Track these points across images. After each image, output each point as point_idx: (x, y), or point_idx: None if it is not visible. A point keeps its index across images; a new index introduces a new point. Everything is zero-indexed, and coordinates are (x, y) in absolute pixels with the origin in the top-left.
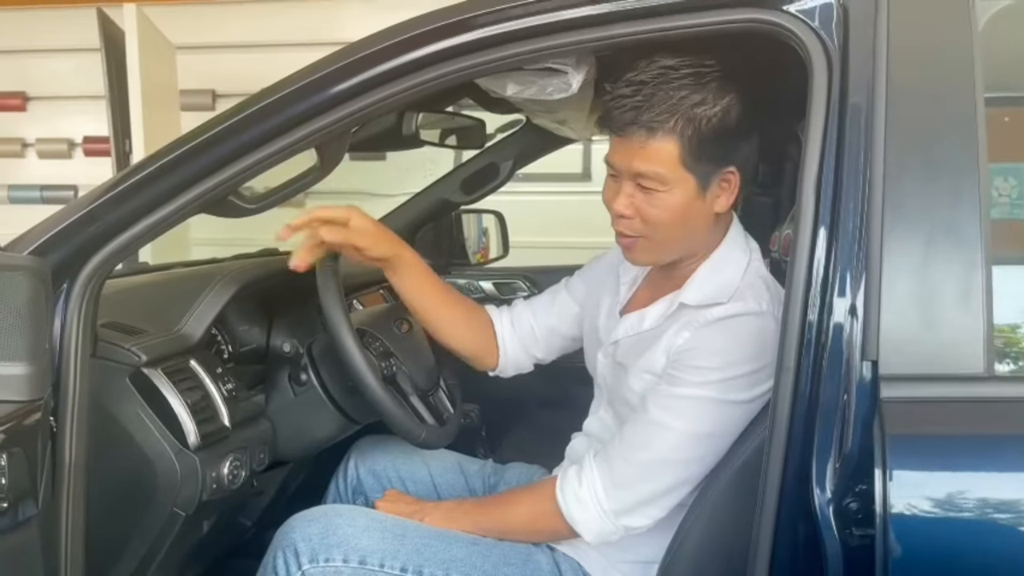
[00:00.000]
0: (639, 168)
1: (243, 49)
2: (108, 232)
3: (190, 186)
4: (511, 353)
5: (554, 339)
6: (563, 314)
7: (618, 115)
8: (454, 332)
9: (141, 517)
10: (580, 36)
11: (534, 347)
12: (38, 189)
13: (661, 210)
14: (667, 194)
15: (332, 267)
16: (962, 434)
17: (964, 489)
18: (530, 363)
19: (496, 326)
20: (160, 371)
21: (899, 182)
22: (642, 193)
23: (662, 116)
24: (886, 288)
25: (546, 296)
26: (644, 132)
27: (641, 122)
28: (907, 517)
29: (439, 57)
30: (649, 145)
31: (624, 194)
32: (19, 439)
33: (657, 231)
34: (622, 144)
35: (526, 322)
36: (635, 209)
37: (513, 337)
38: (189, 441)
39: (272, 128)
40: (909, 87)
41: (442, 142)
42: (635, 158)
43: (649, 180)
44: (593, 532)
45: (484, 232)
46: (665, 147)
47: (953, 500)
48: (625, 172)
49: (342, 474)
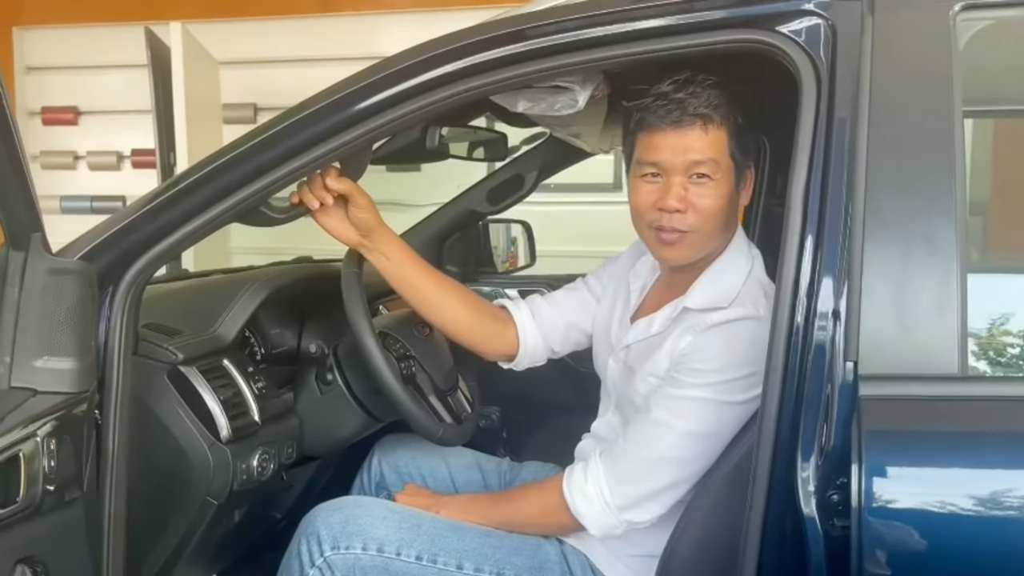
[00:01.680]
0: (696, 157)
1: (283, 64)
2: (149, 240)
3: (224, 197)
4: (530, 344)
5: (572, 333)
6: (583, 310)
7: (665, 112)
8: (456, 318)
9: (176, 505)
10: (584, 56)
11: (552, 338)
12: (88, 200)
13: (712, 200)
14: (718, 184)
15: (355, 273)
16: (936, 431)
17: (937, 483)
18: (545, 356)
19: (516, 317)
20: (195, 369)
21: (880, 193)
22: (694, 185)
23: (711, 106)
24: (866, 293)
25: (565, 292)
26: (700, 121)
27: (698, 112)
28: (882, 509)
29: (456, 76)
30: (708, 134)
31: (676, 188)
32: (67, 428)
33: (706, 222)
34: (673, 138)
35: (547, 314)
36: (687, 202)
37: (533, 327)
38: (221, 435)
39: (300, 143)
40: (891, 103)
41: (466, 155)
42: (691, 150)
43: (705, 167)
44: (598, 526)
45: (513, 242)
46: (720, 135)
47: (926, 493)
48: (679, 166)
49: (366, 470)
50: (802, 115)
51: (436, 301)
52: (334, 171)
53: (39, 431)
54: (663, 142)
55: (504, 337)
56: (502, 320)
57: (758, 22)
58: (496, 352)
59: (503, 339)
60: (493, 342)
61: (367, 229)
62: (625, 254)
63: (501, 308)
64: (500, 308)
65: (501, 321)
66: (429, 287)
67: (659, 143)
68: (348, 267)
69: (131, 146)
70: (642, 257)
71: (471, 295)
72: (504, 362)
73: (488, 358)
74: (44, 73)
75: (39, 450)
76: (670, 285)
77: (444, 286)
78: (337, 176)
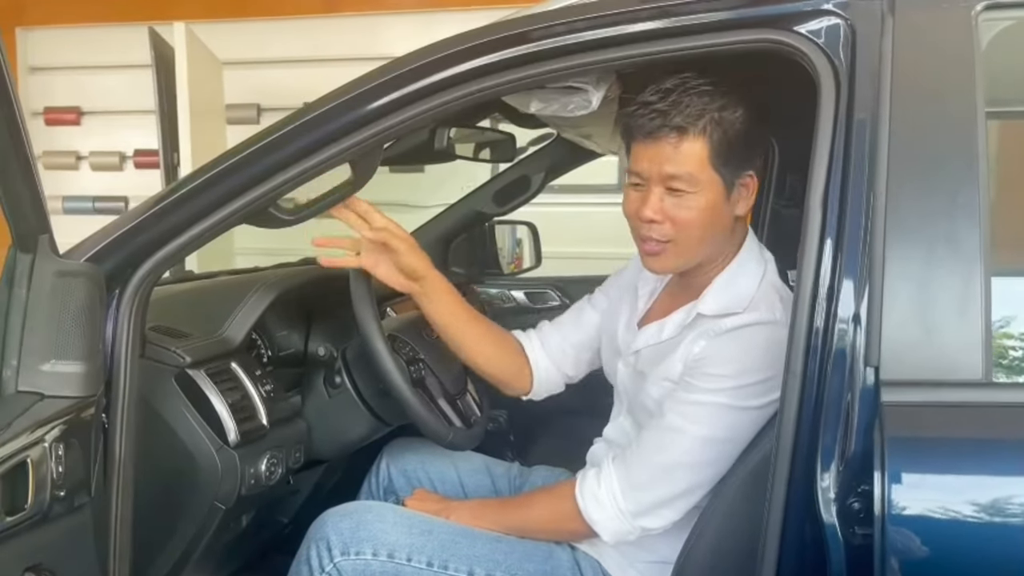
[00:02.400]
0: (670, 170)
1: (287, 64)
2: (156, 242)
3: (232, 199)
4: (543, 374)
5: (583, 354)
6: (590, 330)
7: (646, 121)
8: (484, 355)
9: (184, 510)
10: (599, 56)
11: (565, 365)
12: (91, 200)
13: (691, 212)
14: (697, 196)
15: (365, 274)
16: (959, 437)
17: (960, 491)
18: (562, 383)
19: (527, 349)
20: (203, 372)
21: (901, 195)
22: (671, 197)
23: (691, 117)
24: (888, 297)
25: (571, 314)
26: (675, 134)
27: (672, 124)
28: (904, 517)
29: (467, 76)
30: (681, 147)
31: (653, 199)
32: (75, 432)
33: (685, 235)
34: (651, 149)
35: (555, 341)
36: (664, 214)
37: (544, 358)
38: (229, 438)
39: (309, 144)
40: (912, 104)
41: (474, 156)
42: (666, 162)
43: (680, 182)
44: (610, 531)
45: (518, 243)
46: (695, 148)
47: (949, 501)
48: (655, 177)
49: (374, 474)
50: (821, 116)
51: (473, 345)
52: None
53: (47, 436)
54: (642, 152)
55: (522, 372)
56: (520, 355)
57: (775, 22)
58: (516, 388)
59: (521, 374)
60: (513, 379)
61: (419, 275)
62: (632, 261)
63: (515, 340)
64: (516, 341)
65: (519, 356)
66: (471, 331)
67: (639, 152)
68: (357, 268)
69: (134, 146)
70: None
71: (499, 332)
72: (523, 395)
73: (508, 393)
74: (47, 73)
75: (47, 456)
76: (680, 290)
77: (482, 330)
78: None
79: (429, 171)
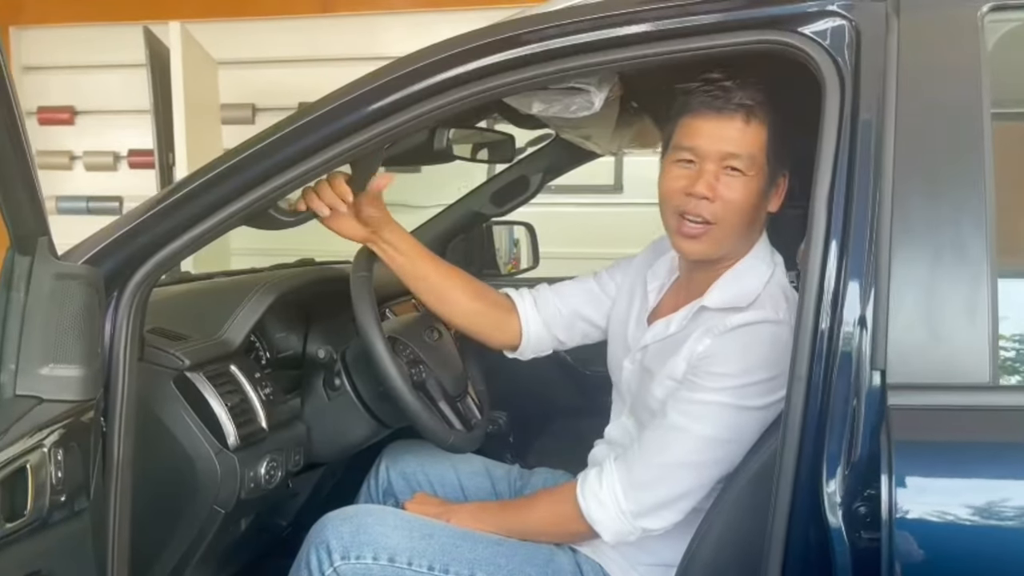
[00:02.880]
0: (733, 149)
1: (283, 64)
2: (156, 243)
3: (232, 200)
4: (533, 333)
5: (577, 322)
6: (590, 300)
7: (710, 97)
8: (464, 306)
9: (183, 514)
10: (602, 58)
11: (557, 328)
12: (84, 200)
13: (741, 195)
14: (750, 180)
15: (365, 277)
16: (967, 441)
17: (968, 495)
18: (551, 345)
19: (517, 304)
20: (202, 375)
21: (907, 197)
22: (726, 176)
23: (756, 100)
24: (894, 300)
25: (572, 282)
26: (742, 112)
27: (740, 102)
28: (912, 521)
29: (470, 77)
30: (749, 127)
31: (708, 176)
32: (74, 436)
33: (730, 218)
34: (713, 126)
35: (551, 302)
36: (716, 192)
37: (536, 316)
38: (229, 442)
39: (311, 145)
40: (918, 106)
41: (473, 156)
42: (730, 141)
43: (739, 161)
44: (611, 532)
45: (515, 243)
46: (760, 132)
47: (957, 506)
48: (713, 154)
49: (373, 477)
50: (826, 118)
51: (447, 292)
52: (343, 177)
53: (46, 441)
54: (703, 127)
55: (508, 325)
56: (506, 308)
57: (779, 23)
58: (500, 341)
59: (507, 328)
60: (498, 332)
61: (377, 225)
62: (643, 254)
63: (505, 296)
64: (504, 296)
65: (505, 309)
66: (440, 278)
67: (699, 128)
68: (357, 271)
69: (128, 146)
70: (661, 257)
71: (477, 284)
72: (509, 351)
73: (493, 347)
74: (41, 73)
75: (46, 461)
76: (689, 286)
77: (451, 276)
78: (344, 182)
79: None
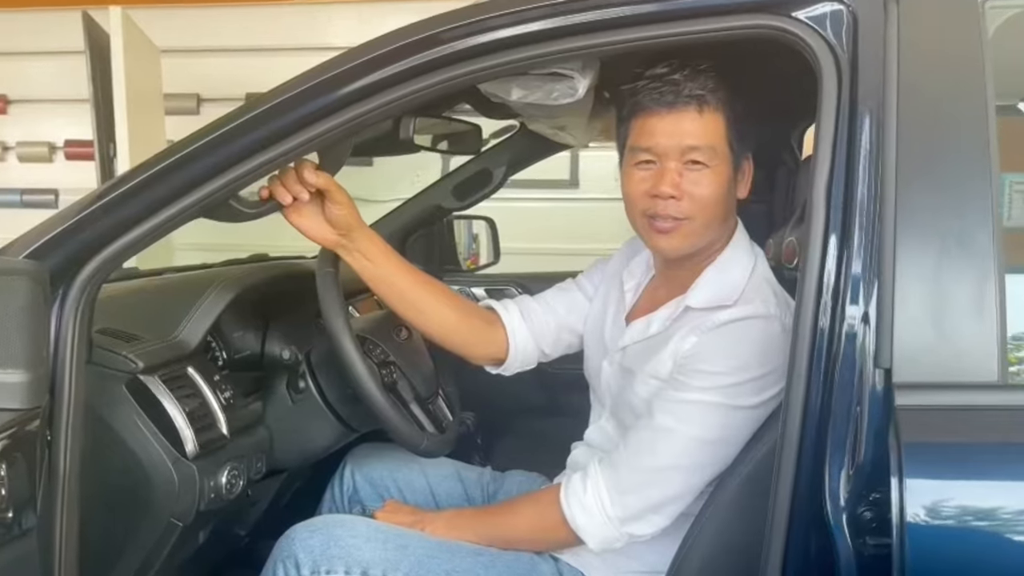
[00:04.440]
0: (691, 142)
1: (229, 53)
2: (106, 236)
3: (189, 191)
4: (520, 347)
5: (563, 334)
6: (574, 309)
7: (660, 93)
8: (444, 319)
9: (137, 528)
10: (590, 41)
11: (544, 340)
12: (18, 193)
13: (708, 188)
14: (714, 171)
15: (332, 273)
16: (978, 442)
17: (981, 497)
18: (536, 359)
19: (504, 318)
20: (157, 378)
21: (911, 189)
22: (689, 172)
23: (708, 89)
24: (899, 296)
25: (555, 291)
26: (695, 104)
27: (692, 94)
28: (924, 526)
29: (447, 60)
30: (703, 118)
31: (671, 174)
32: (19, 448)
33: (702, 212)
34: (668, 122)
35: (537, 314)
36: (682, 190)
37: (524, 329)
38: (187, 450)
39: (276, 131)
40: (920, 94)
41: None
42: (687, 134)
43: (700, 154)
44: (597, 539)
45: (474, 238)
46: (716, 120)
47: (970, 509)
48: (673, 151)
49: (338, 482)
50: (823, 107)
51: (421, 304)
52: (310, 164)
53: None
54: (657, 126)
55: (492, 340)
56: (489, 321)
57: (772, 7)
58: (484, 356)
59: (491, 342)
60: (481, 345)
61: (346, 228)
62: (618, 254)
63: (488, 309)
64: (487, 309)
65: (489, 322)
66: (413, 289)
67: (653, 127)
68: (323, 267)
69: (64, 137)
70: (636, 256)
71: (456, 296)
72: (492, 367)
73: (475, 362)
74: None
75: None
76: (667, 283)
77: (429, 287)
78: (314, 169)
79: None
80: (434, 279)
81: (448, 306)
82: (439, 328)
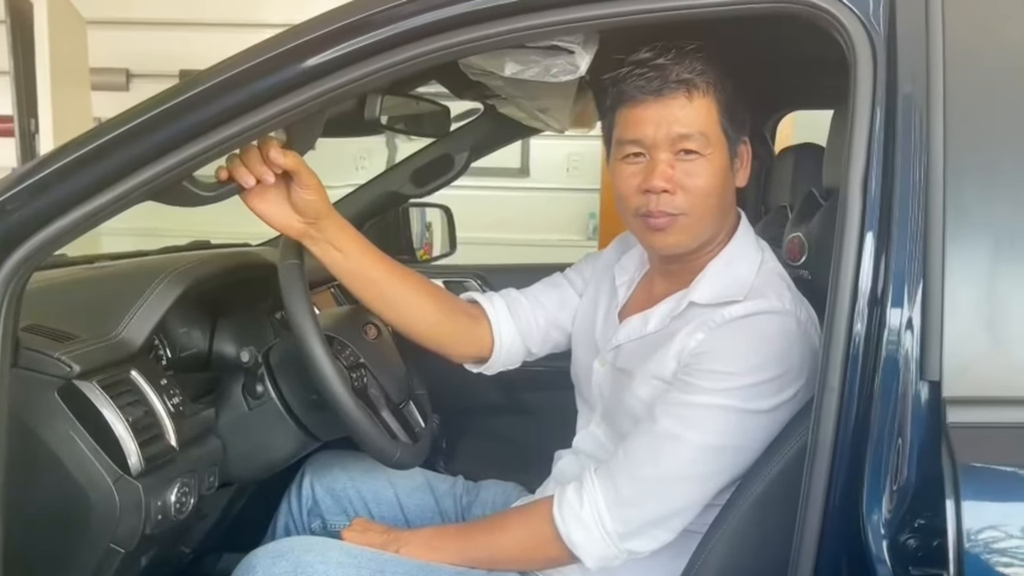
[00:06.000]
0: (681, 131)
1: (159, 27)
2: (34, 222)
3: (136, 170)
4: (506, 345)
5: (552, 332)
6: (564, 306)
7: (644, 81)
8: (422, 313)
9: (71, 556)
10: (601, 11)
11: (531, 339)
12: None
13: (704, 178)
14: (708, 159)
15: (296, 265)
16: None
17: None
18: (521, 358)
19: (489, 313)
20: (95, 384)
21: (963, 184)
22: (682, 163)
23: (695, 72)
24: (949, 300)
25: (544, 286)
26: (683, 89)
27: (679, 79)
28: (987, 557)
29: (437, 28)
30: (692, 103)
31: (662, 166)
32: None
33: (698, 204)
34: (655, 110)
35: (525, 310)
36: (675, 183)
37: (510, 326)
38: (130, 465)
39: (238, 103)
40: (970, 77)
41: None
42: (676, 122)
43: (692, 142)
44: (595, 556)
45: (428, 227)
46: (706, 104)
47: None
48: (663, 141)
49: (295, 493)
50: (858, 91)
51: (399, 299)
52: (277, 143)
53: None
54: (643, 115)
55: (476, 337)
56: (473, 316)
57: None
58: (466, 355)
59: (475, 339)
60: (464, 343)
61: (315, 215)
62: (609, 249)
63: (471, 303)
64: (470, 303)
65: (472, 317)
66: (391, 283)
67: (639, 116)
68: (287, 258)
69: None
70: (629, 251)
71: (437, 288)
72: (474, 365)
73: (456, 361)
74: None
75: None
76: (665, 279)
77: (407, 280)
78: (281, 149)
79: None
80: (411, 270)
81: (429, 301)
82: (419, 325)
